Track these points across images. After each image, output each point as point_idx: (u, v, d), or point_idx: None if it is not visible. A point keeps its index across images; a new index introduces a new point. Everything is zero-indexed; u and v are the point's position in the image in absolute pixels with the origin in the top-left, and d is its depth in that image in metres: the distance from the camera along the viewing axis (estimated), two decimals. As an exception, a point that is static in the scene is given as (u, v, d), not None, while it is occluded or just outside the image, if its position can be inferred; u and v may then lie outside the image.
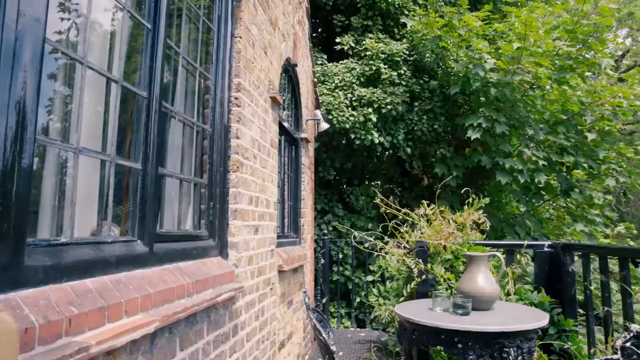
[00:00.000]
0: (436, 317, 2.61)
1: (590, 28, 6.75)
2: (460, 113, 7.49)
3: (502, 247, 3.76)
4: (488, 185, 7.65)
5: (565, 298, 3.67)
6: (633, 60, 19.82)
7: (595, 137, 6.53)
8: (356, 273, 7.11)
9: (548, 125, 6.83)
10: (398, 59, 7.53)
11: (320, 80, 7.56)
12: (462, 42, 7.05)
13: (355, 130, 7.22)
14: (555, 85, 6.83)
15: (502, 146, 6.52)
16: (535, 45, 6.55)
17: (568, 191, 6.65)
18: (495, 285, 2.76)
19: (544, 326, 2.75)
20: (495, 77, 6.55)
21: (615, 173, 6.60)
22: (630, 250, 3.38)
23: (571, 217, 7.07)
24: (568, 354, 3.48)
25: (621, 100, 6.58)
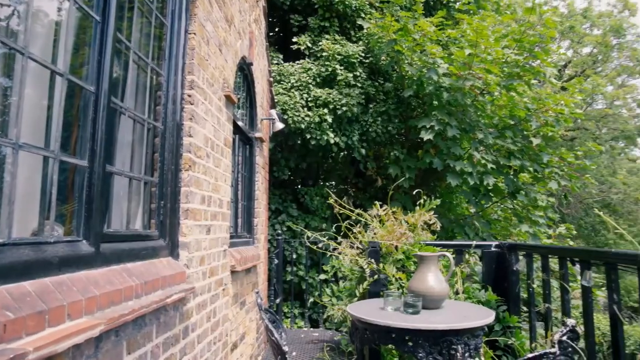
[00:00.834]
0: (387, 316, 2.65)
1: (536, 38, 7.05)
2: (414, 116, 7.66)
3: (451, 247, 3.87)
4: (440, 186, 7.85)
5: (510, 296, 3.82)
6: (574, 71, 20.89)
7: (539, 142, 6.83)
8: (310, 273, 7.13)
9: (497, 129, 7.09)
10: (354, 61, 7.61)
11: (276, 80, 7.53)
12: (417, 46, 7.21)
13: (311, 130, 7.24)
14: (503, 92, 7.11)
15: (453, 149, 6.71)
16: (486, 53, 6.79)
17: (514, 193, 6.93)
18: (444, 285, 2.83)
19: (490, 323, 2.85)
20: (447, 81, 6.74)
21: (558, 177, 6.94)
22: (569, 250, 3.56)
23: (517, 218, 7.37)
24: (512, 349, 3.62)
25: (563, 108, 6.92)
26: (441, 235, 6.78)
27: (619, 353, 2.53)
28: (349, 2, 7.98)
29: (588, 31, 21.04)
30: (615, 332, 2.53)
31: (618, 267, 2.48)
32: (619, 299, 2.50)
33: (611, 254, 2.59)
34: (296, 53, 8.16)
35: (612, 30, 20.43)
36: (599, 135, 19.35)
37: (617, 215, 19.46)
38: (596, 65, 21.29)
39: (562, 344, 2.45)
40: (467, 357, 2.66)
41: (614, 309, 2.48)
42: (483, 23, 6.83)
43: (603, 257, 2.68)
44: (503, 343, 3.65)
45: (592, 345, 2.82)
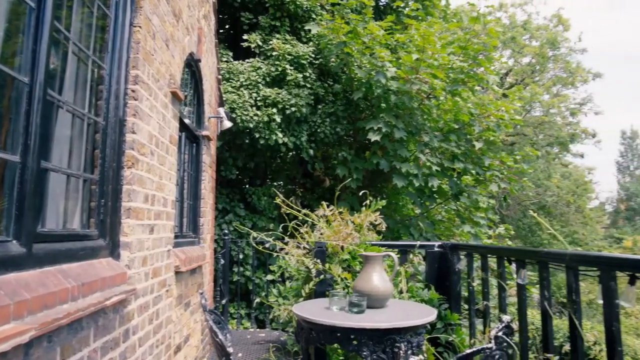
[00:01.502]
0: (332, 315, 2.68)
1: (480, 46, 7.34)
2: (362, 117, 7.77)
3: (396, 248, 3.95)
4: (386, 187, 8.00)
5: (452, 294, 3.95)
6: (514, 79, 21.90)
7: (481, 146, 7.11)
8: (257, 273, 7.08)
9: (442, 133, 7.32)
10: (304, 62, 7.63)
11: (225, 78, 7.43)
12: (366, 49, 7.32)
13: (259, 129, 7.19)
14: (449, 96, 7.35)
15: (400, 151, 6.87)
16: (433, 58, 6.99)
17: (458, 195, 7.18)
18: (389, 284, 2.89)
19: (432, 321, 2.93)
20: (395, 85, 6.89)
21: (498, 179, 7.25)
22: (506, 250, 3.73)
23: (460, 219, 7.64)
24: (453, 345, 3.74)
25: (504, 114, 7.24)
26: (387, 235, 6.91)
27: (548, 345, 2.67)
28: (300, 3, 7.99)
29: (527, 42, 22.10)
30: (546, 326, 2.68)
31: (549, 266, 2.63)
32: (550, 295, 2.65)
33: (543, 254, 2.74)
34: (246, 51, 8.08)
35: (548, 42, 21.58)
36: (536, 140, 20.37)
37: (551, 217, 20.56)
38: (534, 75, 22.40)
39: (498, 339, 2.56)
40: (410, 355, 2.73)
41: (545, 305, 2.63)
42: (430, 29, 7.03)
43: (536, 256, 2.83)
44: (444, 340, 3.77)
45: (525, 339, 2.97)
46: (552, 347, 2.70)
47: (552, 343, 2.71)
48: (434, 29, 7.20)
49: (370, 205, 3.75)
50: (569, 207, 20.81)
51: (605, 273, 2.15)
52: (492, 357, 2.68)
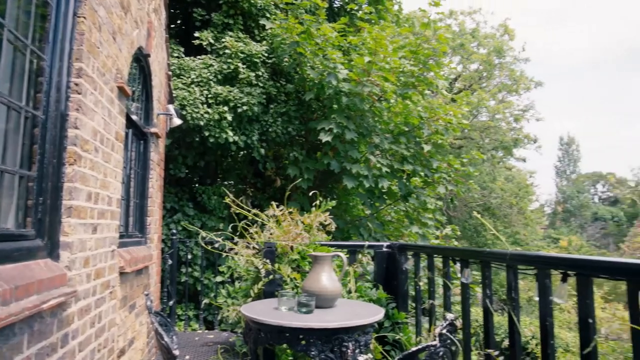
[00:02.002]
0: (281, 316, 2.67)
1: (430, 52, 7.53)
2: (314, 118, 7.80)
3: (345, 248, 3.99)
4: (337, 188, 8.07)
5: (399, 293, 4.03)
6: (463, 84, 22.63)
7: (430, 148, 7.30)
8: (206, 274, 6.96)
9: (392, 135, 7.46)
10: (257, 60, 7.57)
11: (175, 74, 7.26)
12: (319, 50, 7.35)
13: (210, 128, 7.07)
14: (399, 100, 7.49)
15: (350, 152, 6.94)
16: (384, 61, 7.11)
17: (407, 196, 7.33)
18: (337, 284, 2.91)
19: (379, 320, 2.98)
20: (347, 86, 6.95)
21: (445, 182, 7.47)
22: (451, 250, 3.84)
23: (408, 220, 7.81)
24: (400, 343, 3.82)
25: (452, 118, 7.47)
26: (337, 235, 6.97)
27: (489, 341, 2.78)
28: (254, 1, 7.92)
29: (476, 49, 22.89)
30: (487, 323, 2.79)
31: (491, 265, 2.73)
32: (492, 293, 2.75)
33: (486, 253, 2.85)
34: (198, 48, 7.92)
35: (495, 50, 22.43)
36: (482, 144, 21.12)
37: (495, 218, 21.39)
38: (481, 81, 23.23)
39: (442, 336, 2.63)
40: (358, 354, 2.77)
41: (486, 302, 2.73)
42: (382, 33, 7.15)
43: (479, 256, 2.93)
44: (392, 338, 3.84)
45: (468, 336, 3.07)
46: (493, 343, 2.81)
47: (493, 339, 2.82)
48: (386, 32, 7.33)
49: (320, 206, 3.77)
50: (512, 209, 21.72)
51: (541, 271, 2.26)
52: (436, 354, 2.75)
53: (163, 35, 5.38)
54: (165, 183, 6.62)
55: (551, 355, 2.29)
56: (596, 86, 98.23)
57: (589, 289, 2.03)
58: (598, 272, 2.03)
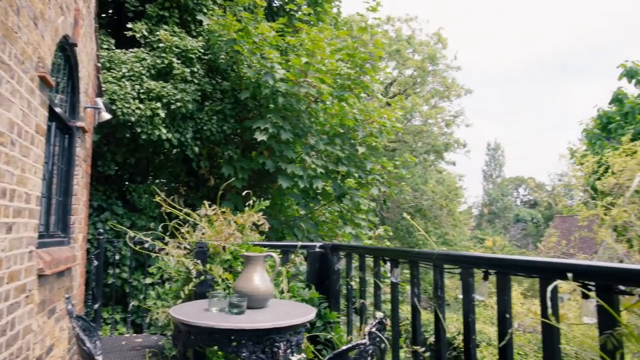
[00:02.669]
0: (211, 317, 2.62)
1: (366, 56, 7.68)
2: (250, 117, 7.72)
3: (279, 248, 3.98)
4: (272, 188, 8.03)
5: (332, 293, 4.08)
6: (398, 89, 23.30)
7: (364, 150, 7.44)
8: (135, 275, 6.69)
9: (328, 136, 7.53)
10: (192, 56, 7.38)
11: (105, 67, 6.92)
12: (256, 49, 7.29)
13: (142, 124, 6.81)
14: (335, 101, 7.58)
15: (286, 152, 6.94)
16: (321, 63, 7.16)
17: (341, 197, 7.43)
18: (269, 284, 2.90)
19: (311, 320, 2.99)
20: (283, 86, 6.95)
21: (379, 183, 7.64)
22: (381, 250, 3.94)
23: (342, 221, 7.91)
24: (331, 342, 3.86)
25: (386, 121, 7.66)
26: (271, 236, 6.94)
27: (416, 338, 2.87)
28: (190, -6, 7.73)
29: (411, 56, 23.63)
30: (415, 320, 2.88)
31: (419, 264, 2.82)
32: (419, 291, 2.84)
33: (414, 253, 2.94)
34: (130, 40, 7.60)
35: (429, 58, 23.28)
36: (415, 148, 21.84)
37: (426, 219, 22.18)
38: (415, 87, 24.02)
39: (371, 335, 2.69)
40: (289, 354, 2.77)
41: (414, 301, 2.82)
42: (321, 35, 7.20)
43: (408, 256, 3.02)
44: (323, 338, 3.87)
45: (397, 333, 3.16)
46: (420, 340, 2.90)
47: (420, 336, 2.92)
48: (324, 34, 7.39)
49: (254, 206, 3.74)
50: (442, 210, 22.60)
51: (465, 270, 2.36)
52: (366, 352, 2.80)
53: (92, 24, 5.12)
54: (92, 180, 6.30)
55: (473, 349, 2.40)
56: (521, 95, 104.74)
57: (507, 286, 2.15)
58: (515, 270, 2.16)
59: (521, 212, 51.05)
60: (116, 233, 6.92)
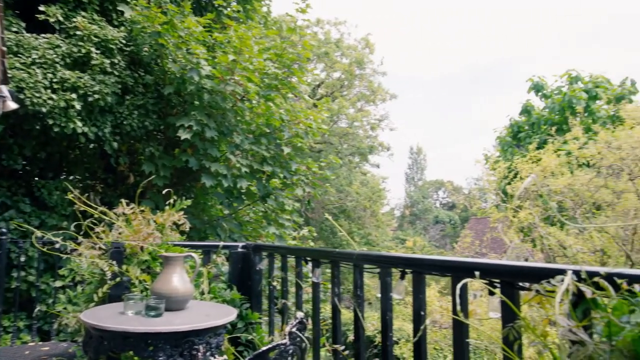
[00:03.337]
0: (126, 321, 2.52)
1: (294, 56, 7.72)
2: (174, 113, 7.49)
3: (200, 248, 3.90)
4: (195, 187, 7.85)
5: (254, 294, 4.06)
6: (325, 91, 23.64)
7: (290, 151, 7.47)
8: (43, 278, 6.26)
9: (254, 136, 7.48)
10: (112, 47, 7.03)
11: (12, 51, 6.40)
12: (182, 43, 7.09)
13: (54, 116, 6.38)
14: (262, 101, 7.55)
15: (210, 150, 6.81)
16: (249, 62, 7.10)
17: (265, 197, 7.41)
18: (189, 285, 2.83)
19: (233, 321, 2.96)
20: (209, 84, 6.81)
21: (303, 184, 7.70)
22: (303, 250, 3.99)
23: (266, 221, 7.89)
24: (253, 343, 3.84)
25: (312, 122, 7.74)
26: (194, 236, 6.78)
27: (336, 337, 2.94)
28: (113, -19, 7.35)
29: (339, 59, 24.05)
30: (335, 320, 2.94)
31: (340, 264, 2.89)
32: (340, 291, 2.91)
33: (335, 254, 3.01)
34: (43, 25, 7.07)
35: (356, 62, 23.85)
36: (340, 149, 22.26)
37: (350, 220, 22.67)
38: (343, 89, 24.49)
39: (291, 335, 2.71)
40: (209, 356, 2.72)
41: (334, 300, 2.88)
42: (249, 33, 7.13)
43: (329, 256, 3.08)
44: (245, 339, 3.84)
45: (317, 332, 3.21)
46: (340, 339, 2.97)
47: (341, 335, 2.98)
48: (253, 33, 7.33)
49: (175, 205, 3.63)
50: (366, 212, 23.21)
51: (384, 270, 2.45)
52: (286, 352, 2.82)
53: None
54: (-6, 175, 5.82)
55: (390, 346, 2.50)
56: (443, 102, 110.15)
57: (422, 285, 2.26)
58: (430, 270, 2.27)
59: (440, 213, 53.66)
60: (23, 233, 6.43)
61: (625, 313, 1.31)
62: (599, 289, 1.38)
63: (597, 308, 1.40)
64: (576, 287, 1.42)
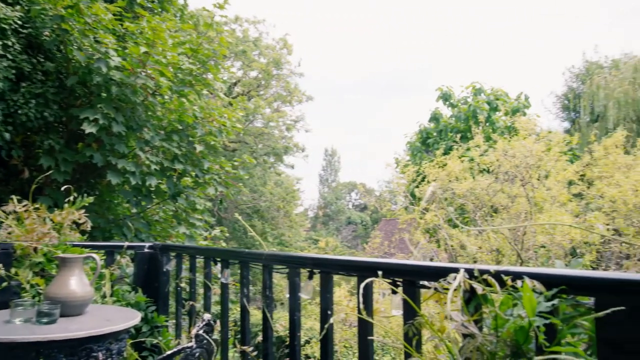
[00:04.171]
0: (13, 329, 2.33)
1: (210, 53, 7.54)
2: (78, 104, 7.00)
3: (103, 249, 3.71)
4: (100, 184, 7.40)
5: (160, 296, 3.92)
6: (242, 89, 23.38)
7: (202, 149, 7.29)
8: None
9: (165, 132, 7.20)
10: (6, 27, 6.40)
11: None
12: (89, 30, 6.64)
13: None
14: (175, 97, 7.29)
15: (117, 146, 6.45)
16: (162, 55, 6.82)
17: (176, 196, 7.16)
18: (88, 289, 2.68)
19: (137, 325, 2.84)
20: (118, 75, 6.45)
21: (216, 183, 7.55)
22: (212, 250, 3.93)
23: (177, 220, 7.63)
24: (158, 347, 3.71)
25: (226, 121, 7.61)
26: (98, 236, 6.40)
27: (245, 338, 2.93)
28: (7, -43, 6.72)
29: (257, 58, 23.88)
30: (244, 320, 2.93)
31: (250, 265, 2.88)
32: (249, 292, 2.90)
33: (244, 254, 2.99)
34: None
35: (274, 62, 23.82)
36: (255, 149, 22.10)
37: (264, 220, 22.57)
38: (260, 89, 24.34)
39: (198, 337, 2.66)
40: (109, 363, 2.59)
41: (243, 301, 2.86)
42: (163, 25, 6.85)
43: (239, 257, 3.06)
44: (150, 343, 3.70)
45: (226, 334, 3.18)
46: (249, 340, 2.96)
47: (249, 336, 2.97)
48: (167, 25, 7.05)
49: (75, 202, 3.41)
50: (279, 212, 23.24)
51: (292, 270, 2.48)
52: (192, 355, 2.76)
53: None
54: None
55: (297, 346, 2.53)
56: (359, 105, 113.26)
57: (330, 284, 2.31)
58: (337, 269, 2.33)
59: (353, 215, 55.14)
60: None
61: (510, 307, 1.44)
62: (490, 285, 1.50)
63: (486, 303, 1.53)
64: (469, 284, 1.54)
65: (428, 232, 11.73)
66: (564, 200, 9.30)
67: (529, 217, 9.13)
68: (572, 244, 8.67)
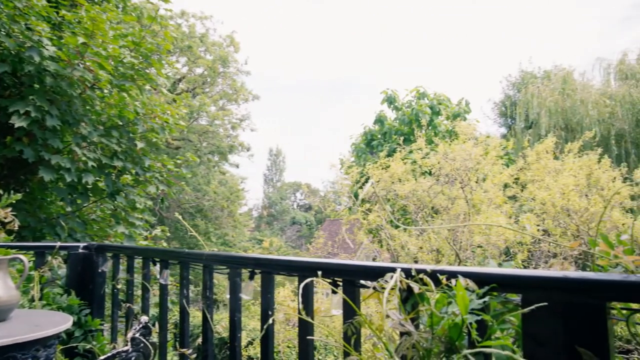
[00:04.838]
0: None
1: (153, 47, 7.30)
2: (7, 95, 6.57)
3: (32, 249, 3.51)
4: (32, 180, 6.99)
5: (95, 298, 3.76)
6: (187, 86, 22.85)
7: (144, 146, 7.04)
8: None
9: (104, 127, 6.90)
10: None
11: None
12: (19, 16, 6.26)
13: None
14: (115, 91, 7.00)
15: (51, 141, 6.11)
16: (102, 47, 6.54)
17: (114, 194, 6.88)
18: (14, 292, 2.52)
19: (68, 330, 2.70)
20: (53, 66, 6.12)
21: (157, 181, 7.31)
22: (151, 251, 3.81)
23: (115, 220, 7.33)
24: (92, 353, 3.55)
25: (169, 118, 7.40)
26: (27, 235, 6.07)
27: (184, 340, 2.86)
28: None
29: (203, 54, 23.41)
30: (183, 322, 2.86)
31: (190, 265, 2.81)
32: (188, 293, 2.83)
33: (184, 254, 2.92)
34: None
35: (220, 59, 23.43)
36: (199, 148, 21.66)
37: (207, 220, 22.17)
38: (205, 86, 23.88)
39: (134, 340, 2.57)
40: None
41: (183, 303, 2.79)
42: (103, 15, 6.56)
43: (179, 257, 2.99)
44: (82, 349, 3.54)
45: (164, 337, 3.09)
46: (188, 342, 2.90)
47: (189, 338, 2.91)
48: (108, 16, 6.76)
49: (1, 200, 3.20)
50: (223, 212, 22.89)
51: (233, 270, 2.44)
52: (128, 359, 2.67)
53: None
54: None
55: (238, 347, 2.50)
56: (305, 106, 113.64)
57: (271, 285, 2.30)
58: (278, 270, 2.32)
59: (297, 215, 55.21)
60: None
61: (445, 305, 1.49)
62: (426, 284, 1.55)
63: (423, 302, 1.57)
64: (406, 283, 1.58)
65: (371, 233, 11.94)
66: (500, 202, 9.75)
67: (467, 218, 9.50)
68: (506, 244, 9.11)
